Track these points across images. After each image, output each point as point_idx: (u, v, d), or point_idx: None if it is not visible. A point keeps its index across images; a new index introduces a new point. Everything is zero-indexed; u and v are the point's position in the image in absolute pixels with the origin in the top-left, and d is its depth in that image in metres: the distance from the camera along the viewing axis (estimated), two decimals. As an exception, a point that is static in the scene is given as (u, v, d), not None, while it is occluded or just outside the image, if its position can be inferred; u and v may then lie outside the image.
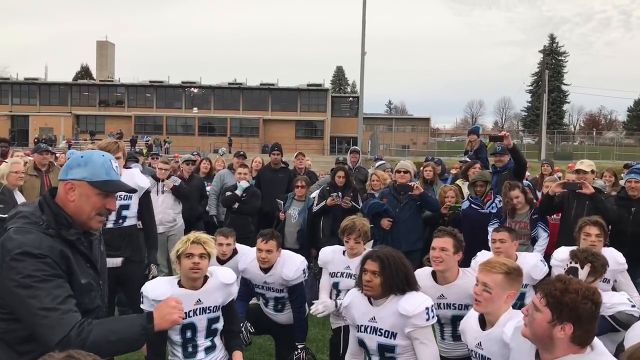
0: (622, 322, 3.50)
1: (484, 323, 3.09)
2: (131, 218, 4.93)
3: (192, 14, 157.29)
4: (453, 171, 10.13)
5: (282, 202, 7.54)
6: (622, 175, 8.49)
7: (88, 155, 2.44)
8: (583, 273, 3.61)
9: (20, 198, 5.87)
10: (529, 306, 2.37)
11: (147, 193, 5.08)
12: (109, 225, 4.78)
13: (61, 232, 2.30)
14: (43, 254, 2.19)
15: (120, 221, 4.86)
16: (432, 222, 6.69)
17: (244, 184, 7.42)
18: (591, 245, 4.47)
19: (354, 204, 7.03)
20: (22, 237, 2.21)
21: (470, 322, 3.22)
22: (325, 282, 4.75)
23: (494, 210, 6.44)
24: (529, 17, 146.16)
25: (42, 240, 2.23)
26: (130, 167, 5.59)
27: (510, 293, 3.01)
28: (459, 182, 7.84)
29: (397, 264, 3.29)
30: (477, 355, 3.11)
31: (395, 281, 3.26)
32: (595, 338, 2.38)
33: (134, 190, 2.69)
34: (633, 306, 3.60)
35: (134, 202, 4.92)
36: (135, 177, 4.98)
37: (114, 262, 4.82)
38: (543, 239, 6.03)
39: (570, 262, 3.66)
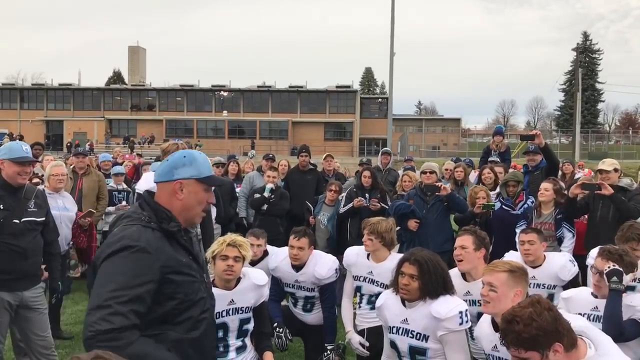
0: None
1: (497, 326, 3.05)
2: None
3: (222, 18, 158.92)
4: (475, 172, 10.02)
5: (312, 207, 7.54)
6: None
7: (189, 154, 2.54)
8: (628, 279, 3.52)
9: (69, 200, 5.97)
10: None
11: None
12: None
13: (162, 225, 2.39)
14: (140, 246, 2.26)
15: None
16: (464, 222, 6.60)
17: (269, 186, 7.45)
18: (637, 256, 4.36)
19: (382, 205, 6.99)
20: (122, 232, 2.33)
21: (483, 326, 3.22)
22: (348, 287, 4.70)
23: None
24: (562, 14, 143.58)
25: (142, 233, 2.32)
26: None
27: (517, 291, 3.01)
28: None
29: (435, 268, 3.26)
30: (495, 358, 3.10)
31: (433, 286, 3.24)
32: (601, 336, 2.34)
33: (223, 182, 2.85)
34: None
35: None
36: None
37: None
38: (568, 239, 5.93)
39: (612, 265, 3.53)
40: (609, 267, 3.49)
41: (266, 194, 7.40)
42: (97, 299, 2.16)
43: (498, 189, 7.01)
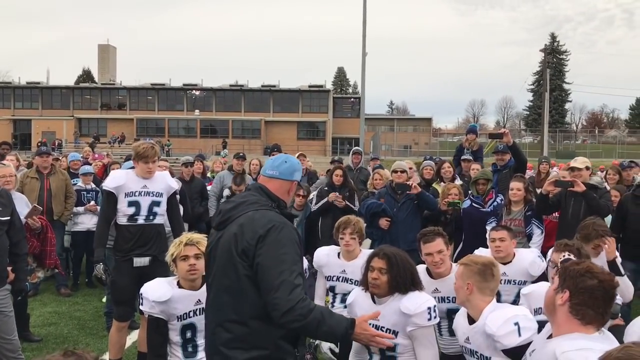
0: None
1: (472, 320, 3.21)
2: (160, 216, 5.09)
3: (193, 16, 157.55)
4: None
5: None
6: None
7: (298, 162, 3.02)
8: None
9: (23, 201, 5.81)
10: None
11: (174, 194, 5.29)
12: (140, 221, 4.95)
13: (284, 211, 2.82)
14: (286, 225, 2.67)
15: (151, 217, 5.01)
16: (433, 220, 6.66)
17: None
18: (596, 253, 4.48)
19: (347, 203, 7.01)
20: (265, 215, 2.69)
21: (459, 319, 3.35)
22: (320, 289, 4.68)
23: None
24: (532, 16, 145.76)
25: (279, 217, 2.72)
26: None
27: (467, 284, 3.17)
28: (435, 184, 7.81)
29: (404, 263, 3.31)
30: (467, 350, 3.23)
31: (402, 279, 3.28)
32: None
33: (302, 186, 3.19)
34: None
35: (164, 201, 5.10)
36: (166, 178, 5.26)
37: (142, 261, 4.94)
38: (537, 235, 6.06)
39: (564, 255, 3.67)
40: (563, 256, 3.60)
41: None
42: (274, 278, 2.53)
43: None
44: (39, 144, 48.15)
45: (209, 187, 8.83)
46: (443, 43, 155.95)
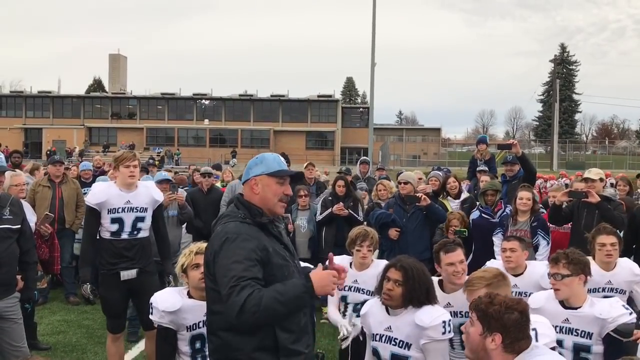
0: (624, 332, 3.50)
1: None
2: (145, 230, 5.01)
3: (203, 27, 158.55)
4: (466, 182, 10.04)
5: (288, 216, 7.56)
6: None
7: (260, 155, 2.98)
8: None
9: (28, 210, 5.83)
10: (467, 323, 2.51)
11: (160, 205, 5.19)
12: (124, 236, 4.87)
13: (256, 219, 2.78)
14: (241, 234, 2.67)
15: (135, 232, 4.93)
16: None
17: None
18: (607, 255, 4.44)
19: (351, 212, 7.01)
20: (224, 228, 2.74)
21: None
22: (334, 297, 4.67)
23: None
24: (543, 27, 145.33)
25: (240, 227, 2.72)
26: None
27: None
28: (442, 199, 7.73)
29: (420, 276, 3.28)
30: None
31: (417, 293, 3.25)
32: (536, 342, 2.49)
33: (299, 175, 3.15)
34: (630, 313, 3.59)
35: (149, 215, 5.01)
36: (150, 189, 5.14)
37: (129, 274, 4.87)
38: (543, 246, 6.02)
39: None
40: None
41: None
42: (224, 287, 2.57)
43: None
44: (48, 152, 48.55)
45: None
46: (453, 53, 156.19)
